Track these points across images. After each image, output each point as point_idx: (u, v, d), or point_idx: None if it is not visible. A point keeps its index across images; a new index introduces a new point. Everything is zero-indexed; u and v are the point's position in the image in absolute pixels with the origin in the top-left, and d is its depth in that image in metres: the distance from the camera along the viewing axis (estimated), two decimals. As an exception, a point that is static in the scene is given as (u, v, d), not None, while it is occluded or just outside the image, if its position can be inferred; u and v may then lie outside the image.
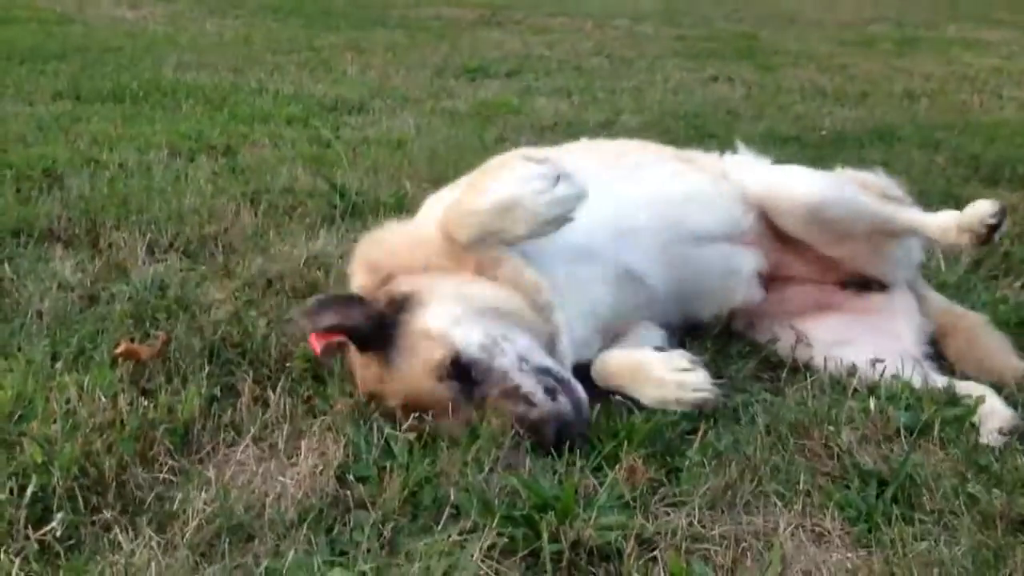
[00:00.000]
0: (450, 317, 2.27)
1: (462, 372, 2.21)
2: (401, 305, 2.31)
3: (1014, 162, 4.81)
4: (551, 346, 2.36)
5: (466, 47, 9.11)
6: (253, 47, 8.62)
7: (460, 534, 1.87)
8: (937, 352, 2.75)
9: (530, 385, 2.20)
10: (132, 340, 2.57)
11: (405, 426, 2.20)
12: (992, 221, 2.55)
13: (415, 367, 2.23)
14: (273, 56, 8.06)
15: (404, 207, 3.90)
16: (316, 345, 2.38)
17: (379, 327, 2.28)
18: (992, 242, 2.65)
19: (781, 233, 2.82)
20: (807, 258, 2.85)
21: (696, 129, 5.72)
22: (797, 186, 2.81)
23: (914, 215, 2.77)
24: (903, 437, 2.26)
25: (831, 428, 2.27)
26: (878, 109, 6.63)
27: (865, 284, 2.86)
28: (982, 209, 2.56)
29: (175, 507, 1.94)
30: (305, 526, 1.89)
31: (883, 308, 2.83)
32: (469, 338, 2.24)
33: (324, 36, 9.51)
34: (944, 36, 11.71)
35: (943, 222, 2.64)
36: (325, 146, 4.87)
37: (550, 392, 2.19)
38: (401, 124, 5.57)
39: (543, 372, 2.23)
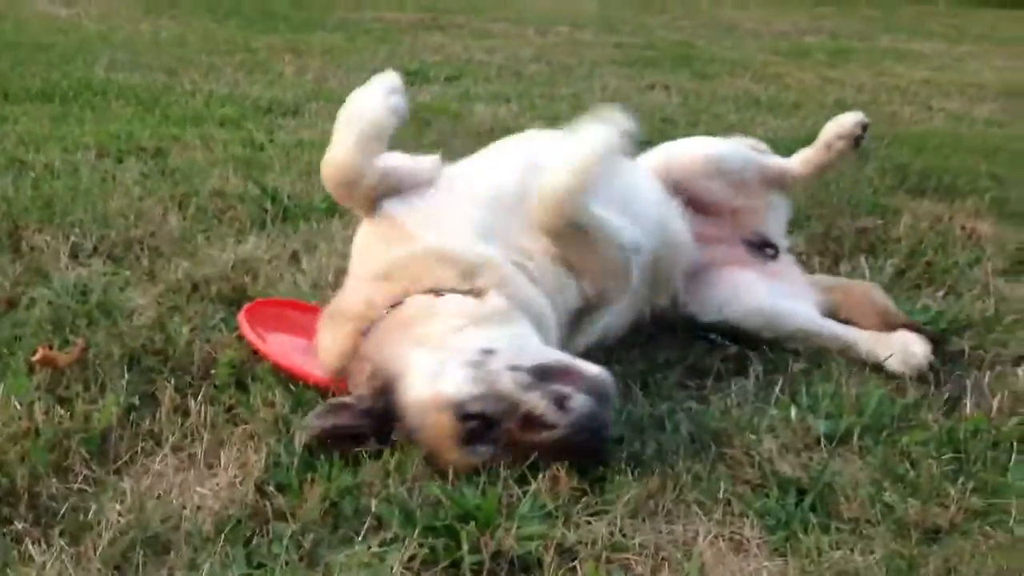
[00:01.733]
0: (428, 374, 2.10)
1: (477, 420, 2.04)
2: (384, 388, 2.15)
3: (940, 173, 4.91)
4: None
5: (406, 51, 9.07)
6: (188, 47, 8.49)
7: (380, 545, 1.86)
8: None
9: (538, 403, 2.02)
10: (50, 347, 2.51)
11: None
12: (859, 130, 3.23)
13: (435, 447, 2.07)
14: (208, 57, 7.95)
15: (336, 212, 3.88)
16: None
17: (379, 422, 2.14)
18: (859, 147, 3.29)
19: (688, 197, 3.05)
20: (711, 218, 3.09)
21: (629, 136, 5.74)
22: (696, 145, 3.20)
23: (795, 156, 3.28)
24: (823, 445, 2.29)
25: (753, 436, 2.30)
26: (810, 119, 6.71)
27: (761, 247, 3.14)
28: (850, 118, 3.23)
29: (89, 518, 1.91)
30: (223, 538, 1.86)
31: (784, 273, 3.12)
32: (456, 382, 2.07)
33: (262, 37, 9.40)
34: (877, 47, 11.94)
35: (822, 140, 3.25)
36: (258, 149, 4.82)
37: (559, 402, 2.02)
38: (337, 128, 5.51)
39: (542, 375, 2.06)
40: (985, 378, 2.68)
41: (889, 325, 2.90)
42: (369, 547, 1.85)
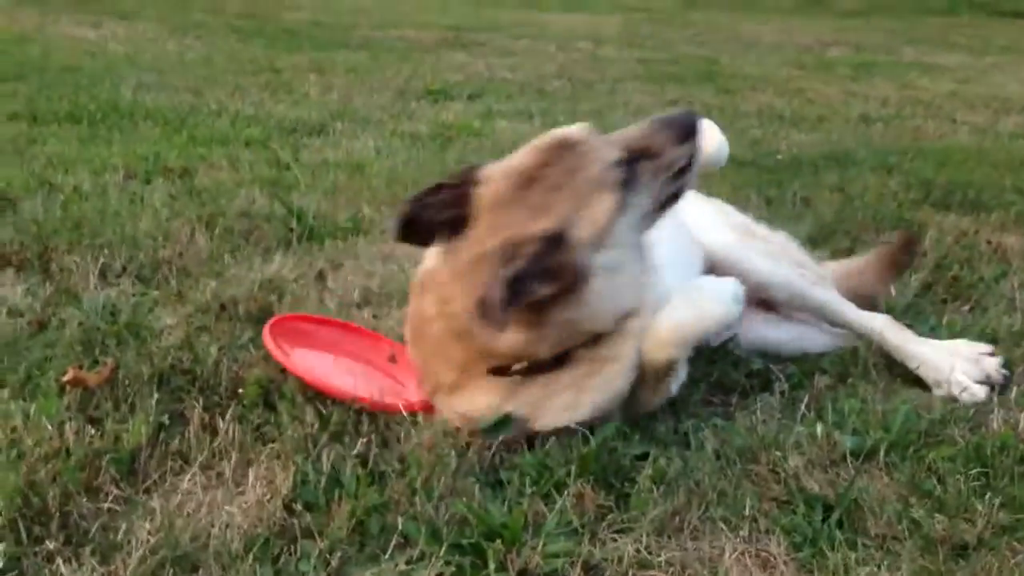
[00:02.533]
0: None
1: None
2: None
3: (965, 187, 4.89)
4: None
5: (429, 69, 9.13)
6: (214, 68, 8.59)
7: (407, 563, 1.87)
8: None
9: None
10: (80, 367, 2.54)
11: (354, 452, 2.20)
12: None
13: None
14: (234, 77, 8.04)
15: (361, 231, 3.92)
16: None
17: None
18: None
19: None
20: None
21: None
22: (742, 262, 2.94)
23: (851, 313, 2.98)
24: (849, 462, 2.28)
25: (778, 453, 2.29)
26: (834, 133, 6.72)
27: None
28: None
29: (119, 537, 1.93)
30: (251, 556, 1.88)
31: None
32: None
33: (286, 57, 9.50)
34: (901, 61, 11.90)
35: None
36: (284, 168, 4.86)
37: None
38: (361, 146, 5.57)
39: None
40: (1012, 393, 2.66)
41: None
42: (396, 565, 1.87)
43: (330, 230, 3.87)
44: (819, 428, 2.38)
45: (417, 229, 2.29)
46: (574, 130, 2.36)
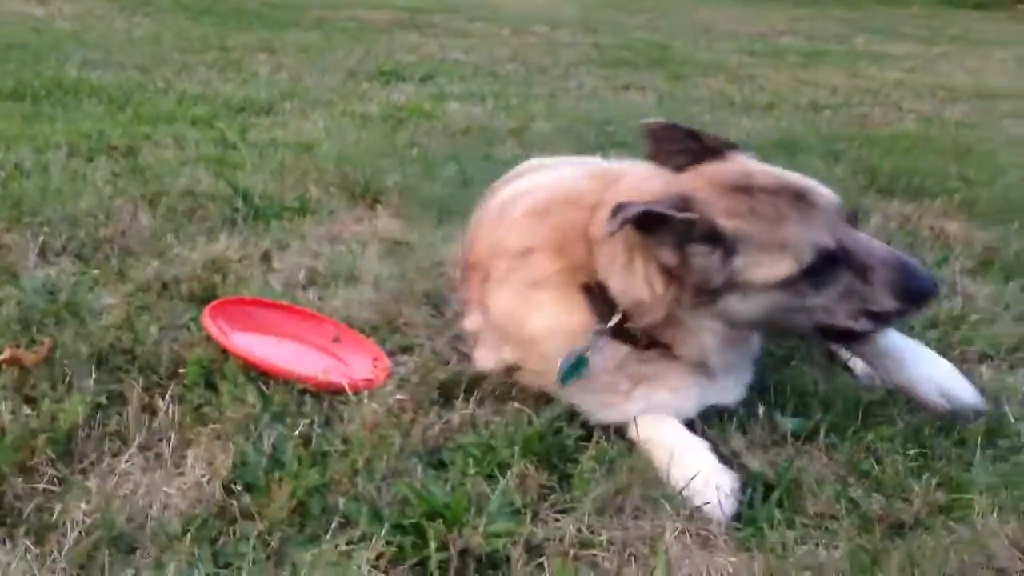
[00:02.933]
0: None
1: None
2: None
3: (910, 174, 4.95)
4: None
5: (382, 50, 9.05)
6: (162, 46, 8.44)
7: (348, 543, 1.86)
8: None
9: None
10: (17, 346, 2.49)
11: (296, 432, 2.18)
12: None
13: None
14: (182, 55, 7.90)
15: (308, 211, 3.88)
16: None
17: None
18: None
19: None
20: None
21: (607, 136, 5.77)
22: None
23: None
24: (790, 442, 2.31)
25: (722, 433, 2.31)
26: (783, 120, 6.77)
27: None
28: None
29: (54, 518, 1.89)
30: (189, 537, 1.85)
31: None
32: None
33: (236, 36, 9.36)
34: (852, 49, 12.03)
35: None
36: (230, 148, 4.79)
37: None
38: (310, 126, 5.51)
39: None
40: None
41: None
42: (336, 545, 1.85)
43: (276, 210, 3.82)
44: (761, 409, 2.40)
45: (662, 144, 2.34)
46: (827, 192, 2.28)
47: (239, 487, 2.02)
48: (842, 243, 2.18)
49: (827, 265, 2.15)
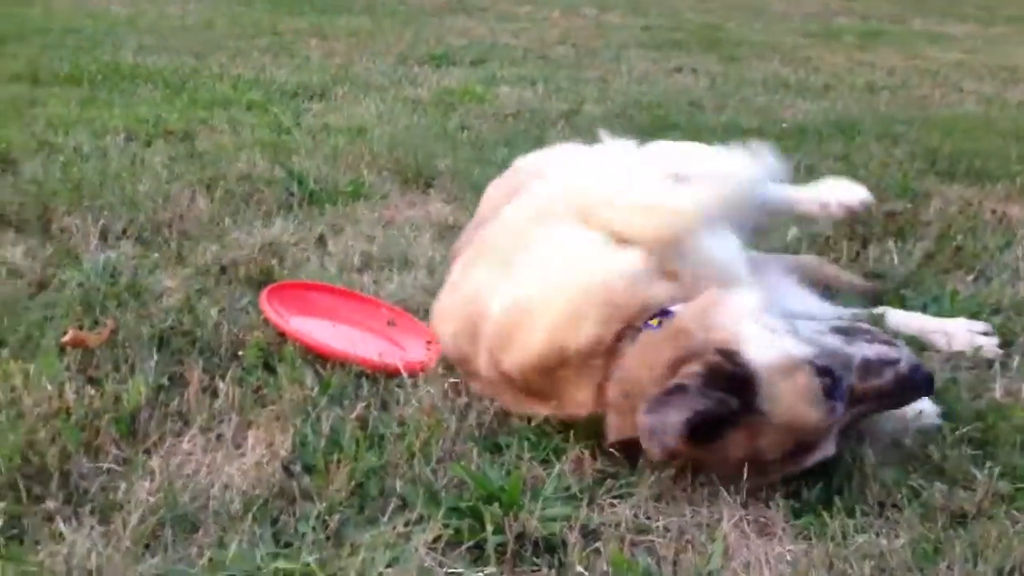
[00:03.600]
0: (767, 334, 2.04)
1: (827, 376, 1.99)
2: (728, 357, 1.99)
3: (971, 156, 4.85)
4: None
5: (431, 34, 9.06)
6: (215, 31, 8.53)
7: (405, 525, 1.87)
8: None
9: (867, 350, 2.06)
10: (80, 327, 2.54)
11: (354, 415, 2.20)
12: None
13: (797, 408, 1.96)
14: (235, 41, 7.99)
15: (361, 195, 3.90)
16: None
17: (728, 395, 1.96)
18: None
19: None
20: None
21: (659, 119, 5.73)
22: None
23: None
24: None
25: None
26: (839, 102, 6.67)
27: None
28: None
29: (119, 497, 1.93)
30: (250, 517, 1.88)
31: None
32: (795, 344, 2.02)
33: (288, 21, 9.43)
34: (909, 30, 11.80)
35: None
36: (285, 132, 4.84)
37: (885, 342, 2.10)
38: (363, 111, 5.54)
39: (844, 332, 2.13)
40: (1014, 361, 2.65)
41: None
42: (394, 527, 1.86)
43: (331, 195, 3.85)
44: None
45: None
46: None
47: (298, 468, 2.04)
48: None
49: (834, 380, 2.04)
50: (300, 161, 4.25)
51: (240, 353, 2.49)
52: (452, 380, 2.41)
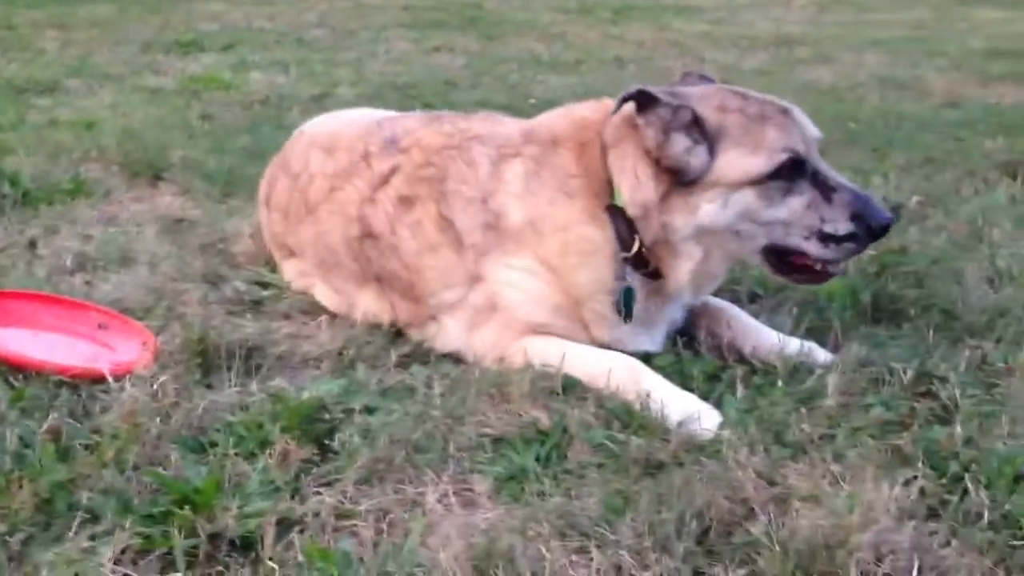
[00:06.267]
0: None
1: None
2: None
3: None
4: None
5: (180, 20, 8.71)
6: (-61, 25, 7.91)
7: (92, 539, 1.78)
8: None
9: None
10: None
11: (45, 427, 2.07)
12: None
13: None
14: (-39, 34, 7.43)
15: (83, 192, 3.71)
16: None
17: None
18: None
19: None
20: None
21: (412, 99, 5.73)
22: None
23: None
24: (562, 395, 2.33)
25: (493, 390, 2.32)
26: (589, 76, 6.86)
27: None
28: None
29: None
30: (-80, 547, 1.74)
31: None
32: None
33: (24, 12, 8.84)
34: (660, 3, 12.23)
35: None
36: (1, 131, 4.52)
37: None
38: (96, 104, 5.26)
39: None
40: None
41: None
42: (80, 542, 1.77)
43: (47, 194, 3.63)
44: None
45: None
46: (811, 123, 2.46)
47: (-22, 489, 1.90)
48: (812, 161, 2.39)
49: (796, 173, 2.36)
50: (17, 161, 3.98)
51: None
52: (162, 379, 2.31)
